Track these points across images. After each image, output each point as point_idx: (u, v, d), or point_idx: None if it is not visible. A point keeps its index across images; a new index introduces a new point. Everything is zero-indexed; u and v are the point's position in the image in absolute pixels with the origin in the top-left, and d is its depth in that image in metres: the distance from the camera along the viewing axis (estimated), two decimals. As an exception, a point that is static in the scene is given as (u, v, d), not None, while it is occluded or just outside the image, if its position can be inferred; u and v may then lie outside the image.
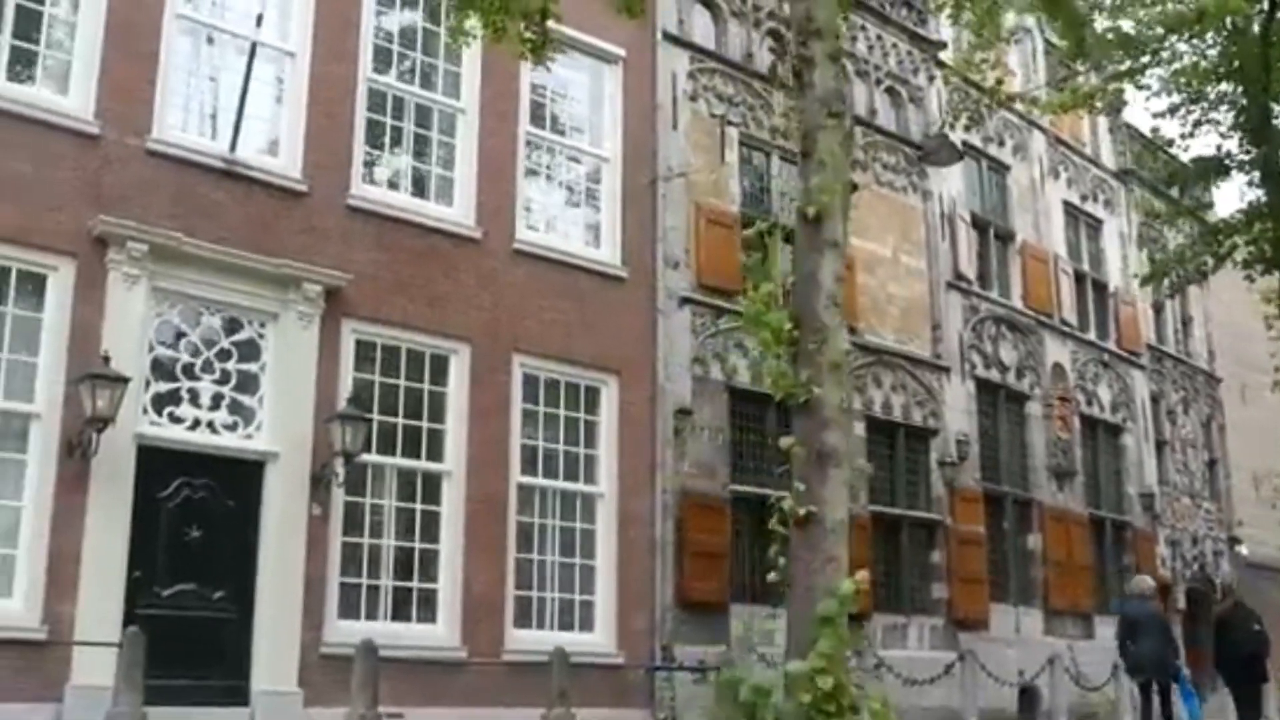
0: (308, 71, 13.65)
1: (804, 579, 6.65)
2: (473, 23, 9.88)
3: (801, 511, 6.70)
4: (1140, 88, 15.18)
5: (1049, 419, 21.59)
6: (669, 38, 16.85)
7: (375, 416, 13.40)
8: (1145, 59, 14.50)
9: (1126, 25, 14.05)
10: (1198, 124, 15.10)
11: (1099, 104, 16.70)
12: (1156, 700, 14.89)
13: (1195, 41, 13.95)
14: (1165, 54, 14.40)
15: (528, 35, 9.61)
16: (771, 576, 7.02)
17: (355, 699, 11.54)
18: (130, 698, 10.33)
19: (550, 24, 10.40)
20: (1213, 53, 14.23)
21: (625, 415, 15.52)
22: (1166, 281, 14.43)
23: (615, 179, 16.13)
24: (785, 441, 7.01)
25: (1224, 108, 14.74)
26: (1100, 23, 13.30)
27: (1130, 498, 23.38)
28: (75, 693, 11.10)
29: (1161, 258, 12.82)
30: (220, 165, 12.86)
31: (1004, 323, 21.23)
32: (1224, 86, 14.46)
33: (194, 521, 12.27)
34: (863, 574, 7.01)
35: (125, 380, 11.48)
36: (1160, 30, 13.67)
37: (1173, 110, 15.20)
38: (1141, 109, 17.16)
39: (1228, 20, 13.71)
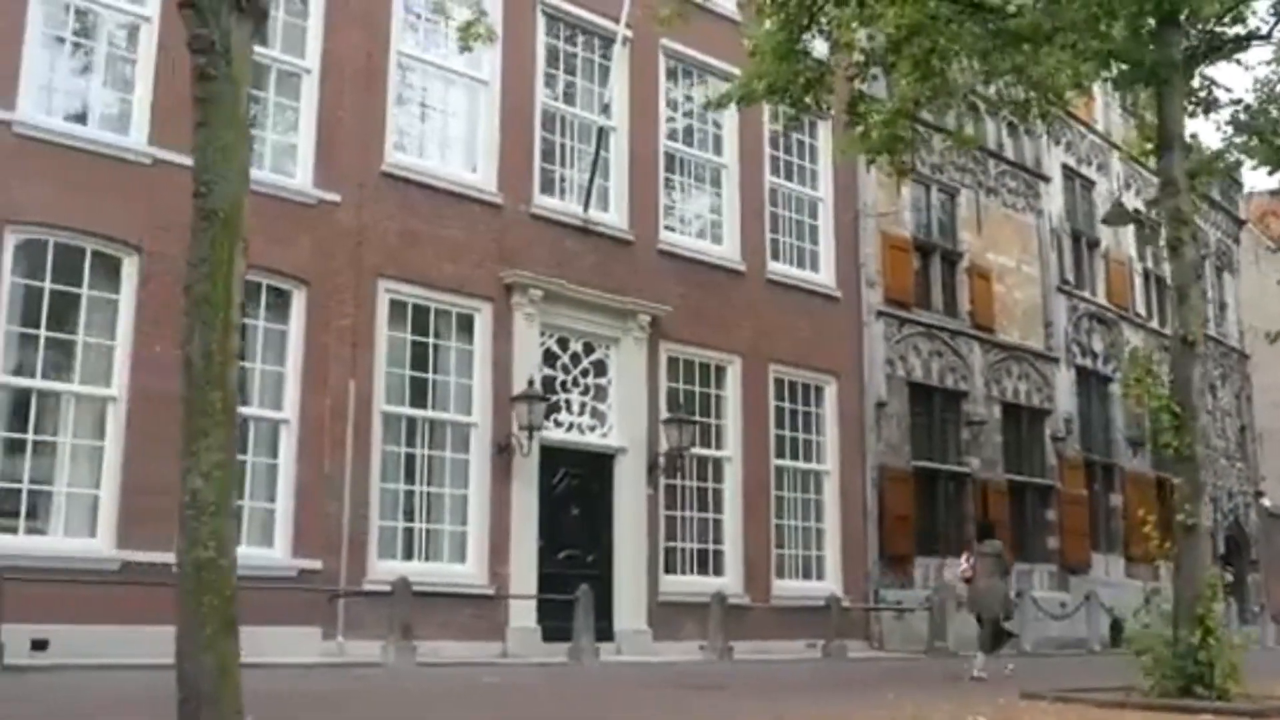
0: (627, 144, 17.19)
1: (1188, 562, 10.57)
2: (852, 147, 13.56)
3: (1189, 523, 10.58)
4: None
5: (1126, 397, 25.78)
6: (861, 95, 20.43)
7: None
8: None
9: None
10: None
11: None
12: None
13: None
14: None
15: (898, 164, 13.41)
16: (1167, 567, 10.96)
17: (713, 635, 15.57)
18: (587, 636, 14.21)
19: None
20: None
21: (842, 408, 19.40)
22: None
23: (828, 215, 19.87)
24: (1178, 482, 10.87)
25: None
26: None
27: (1183, 461, 27.69)
28: (513, 634, 14.87)
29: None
30: (577, 223, 16.43)
31: (1095, 318, 25.35)
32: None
33: (572, 502, 16.03)
34: (1214, 570, 10.89)
35: (546, 399, 15.18)
36: None
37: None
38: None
39: None
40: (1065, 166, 25.31)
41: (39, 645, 11.21)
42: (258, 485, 13.35)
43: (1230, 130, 14.57)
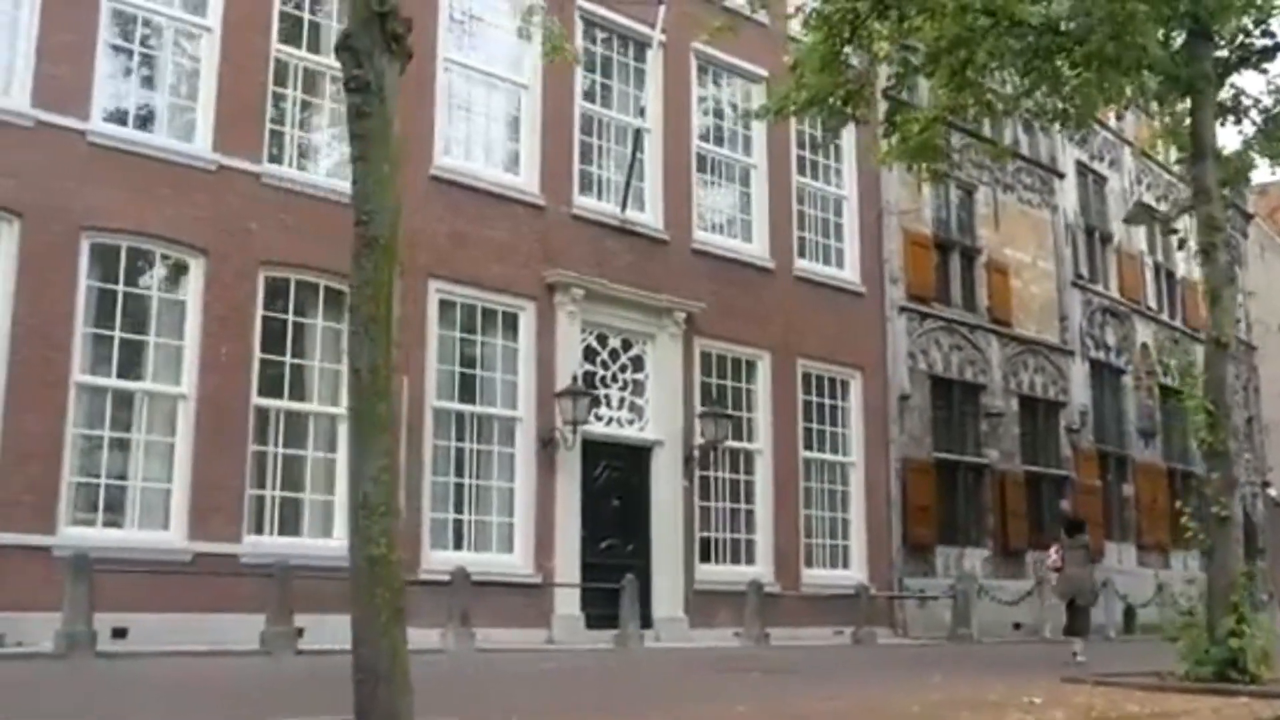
0: (660, 144, 17.68)
1: (1221, 552, 11.11)
2: (889, 155, 14.08)
3: (1222, 515, 11.12)
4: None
5: (1138, 389, 26.37)
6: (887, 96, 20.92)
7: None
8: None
9: None
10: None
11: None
12: None
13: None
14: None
15: (932, 169, 13.94)
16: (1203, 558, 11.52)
17: (749, 622, 16.10)
18: (633, 623, 14.74)
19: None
20: None
21: (867, 402, 19.93)
22: None
23: (853, 213, 20.37)
24: (1214, 476, 11.39)
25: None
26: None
27: (1192, 451, 28.28)
28: (558, 621, 15.40)
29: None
30: (615, 223, 16.93)
31: (1108, 312, 25.89)
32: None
33: (612, 494, 16.56)
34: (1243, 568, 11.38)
35: (590, 394, 15.70)
36: None
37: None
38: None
39: None
40: (1079, 163, 25.82)
41: (119, 633, 11.74)
42: (317, 479, 13.88)
43: (1251, 133, 15.13)
